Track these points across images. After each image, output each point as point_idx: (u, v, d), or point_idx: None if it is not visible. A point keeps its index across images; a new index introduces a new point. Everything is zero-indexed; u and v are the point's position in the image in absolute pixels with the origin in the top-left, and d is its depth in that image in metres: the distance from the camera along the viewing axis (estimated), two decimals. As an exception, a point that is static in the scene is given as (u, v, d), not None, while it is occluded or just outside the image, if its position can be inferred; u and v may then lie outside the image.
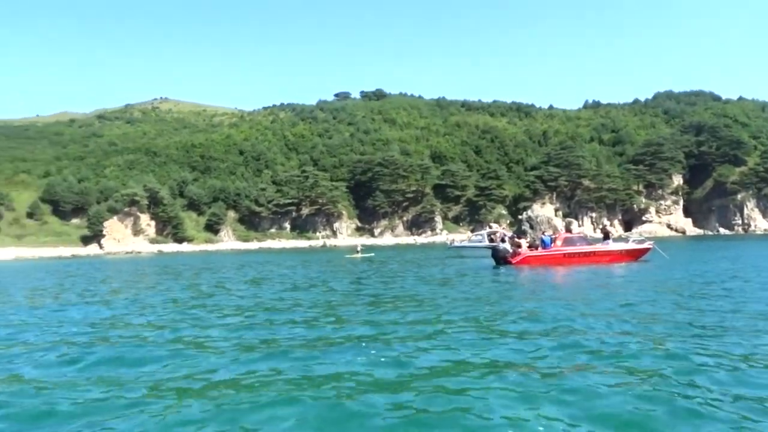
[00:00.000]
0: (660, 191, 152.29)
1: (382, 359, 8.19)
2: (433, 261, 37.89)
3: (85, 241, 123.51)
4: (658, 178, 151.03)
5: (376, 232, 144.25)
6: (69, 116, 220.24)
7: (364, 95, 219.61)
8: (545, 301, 14.36)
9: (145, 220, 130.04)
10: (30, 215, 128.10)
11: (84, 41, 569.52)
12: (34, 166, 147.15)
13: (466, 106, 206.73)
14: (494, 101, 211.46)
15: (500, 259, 28.89)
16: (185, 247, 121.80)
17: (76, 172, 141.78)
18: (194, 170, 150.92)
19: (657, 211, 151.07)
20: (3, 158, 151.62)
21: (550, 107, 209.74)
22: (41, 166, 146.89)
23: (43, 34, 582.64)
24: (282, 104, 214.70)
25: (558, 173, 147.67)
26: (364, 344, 9.31)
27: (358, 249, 55.23)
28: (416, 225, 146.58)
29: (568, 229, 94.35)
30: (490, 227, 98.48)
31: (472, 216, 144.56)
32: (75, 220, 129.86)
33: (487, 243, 41.05)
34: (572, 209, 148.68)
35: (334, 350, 8.94)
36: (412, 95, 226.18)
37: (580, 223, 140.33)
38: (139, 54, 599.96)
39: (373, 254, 54.26)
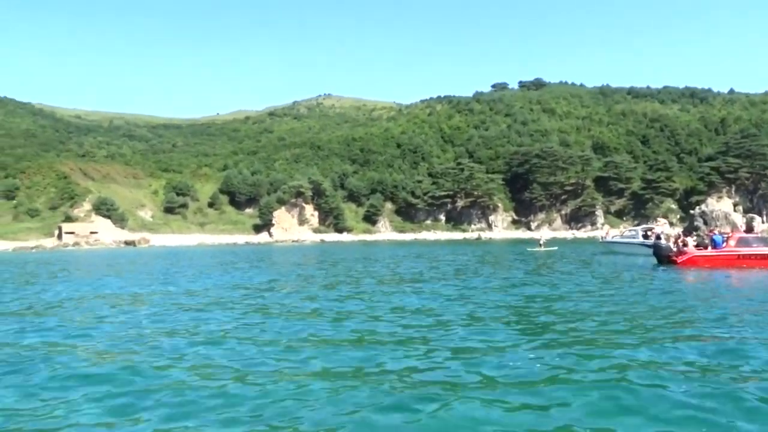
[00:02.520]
0: None
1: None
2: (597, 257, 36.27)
3: (257, 229, 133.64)
4: None
5: (533, 225, 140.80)
6: (244, 114, 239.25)
7: (523, 85, 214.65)
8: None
9: (310, 211, 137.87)
10: (211, 205, 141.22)
11: (257, 45, 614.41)
12: (215, 160, 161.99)
13: (633, 93, 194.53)
14: (664, 87, 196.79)
15: (663, 257, 27.04)
16: (345, 236, 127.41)
17: (249, 165, 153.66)
18: (354, 163, 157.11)
19: None
20: (189, 153, 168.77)
21: (731, 92, 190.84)
22: (220, 160, 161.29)
23: (223, 41, 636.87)
24: (439, 97, 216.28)
25: (738, 164, 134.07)
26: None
27: (541, 242, 54.06)
28: (575, 219, 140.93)
29: (750, 226, 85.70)
30: (657, 222, 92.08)
31: (638, 210, 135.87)
32: (248, 210, 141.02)
33: (641, 239, 38.49)
34: (755, 204, 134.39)
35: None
36: (573, 83, 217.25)
37: (765, 219, 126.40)
38: (306, 53, 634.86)
39: (556, 248, 53.05)
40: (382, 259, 40.39)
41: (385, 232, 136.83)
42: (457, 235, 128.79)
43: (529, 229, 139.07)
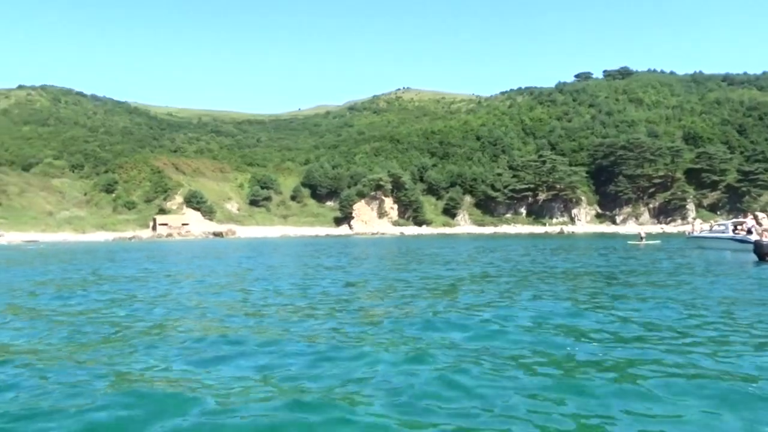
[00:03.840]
0: None
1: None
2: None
3: (338, 222, 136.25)
4: None
5: (618, 219, 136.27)
6: (325, 108, 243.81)
7: (608, 74, 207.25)
8: None
9: (389, 204, 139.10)
10: (293, 198, 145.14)
11: (338, 41, 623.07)
12: (297, 155, 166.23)
13: (728, 80, 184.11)
14: (763, 73, 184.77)
15: (765, 255, 25.83)
16: (424, 229, 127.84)
17: (330, 159, 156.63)
18: (433, 156, 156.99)
19: None
20: (273, 148, 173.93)
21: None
22: (302, 154, 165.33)
23: (305, 38, 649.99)
24: (519, 88, 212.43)
25: None
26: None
27: (642, 236, 52.63)
28: (664, 213, 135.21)
29: None
30: (755, 217, 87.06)
31: (733, 204, 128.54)
32: (329, 203, 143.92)
33: (730, 234, 36.47)
34: None
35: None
36: (662, 71, 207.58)
37: None
38: (386, 48, 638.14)
39: (659, 241, 51.46)
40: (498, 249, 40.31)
41: (464, 225, 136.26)
42: (538, 229, 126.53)
43: (614, 223, 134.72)
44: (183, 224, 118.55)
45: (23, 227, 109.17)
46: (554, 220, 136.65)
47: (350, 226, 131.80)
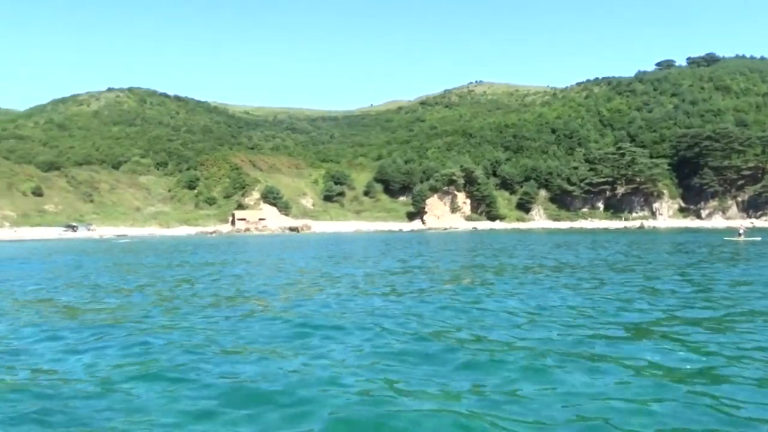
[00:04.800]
0: None
1: None
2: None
3: (410, 216, 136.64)
4: None
5: (704, 213, 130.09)
6: (397, 104, 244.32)
7: (692, 62, 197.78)
8: None
9: (462, 199, 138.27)
10: (366, 193, 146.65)
11: (408, 36, 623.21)
12: (369, 150, 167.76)
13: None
14: None
15: None
16: (498, 224, 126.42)
17: (402, 154, 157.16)
18: (507, 150, 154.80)
19: None
20: (346, 144, 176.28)
21: None
22: (375, 150, 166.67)
23: (375, 35, 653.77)
24: (596, 78, 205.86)
25: None
26: None
27: (741, 231, 50.31)
28: (754, 206, 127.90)
29: None
30: None
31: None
32: (402, 198, 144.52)
33: None
34: None
35: None
36: (752, 57, 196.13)
37: None
38: (457, 41, 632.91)
39: (759, 238, 48.96)
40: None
41: (538, 220, 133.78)
42: (617, 224, 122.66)
43: (699, 217, 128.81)
44: (260, 219, 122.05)
45: (114, 222, 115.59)
46: (634, 215, 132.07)
47: (423, 221, 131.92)
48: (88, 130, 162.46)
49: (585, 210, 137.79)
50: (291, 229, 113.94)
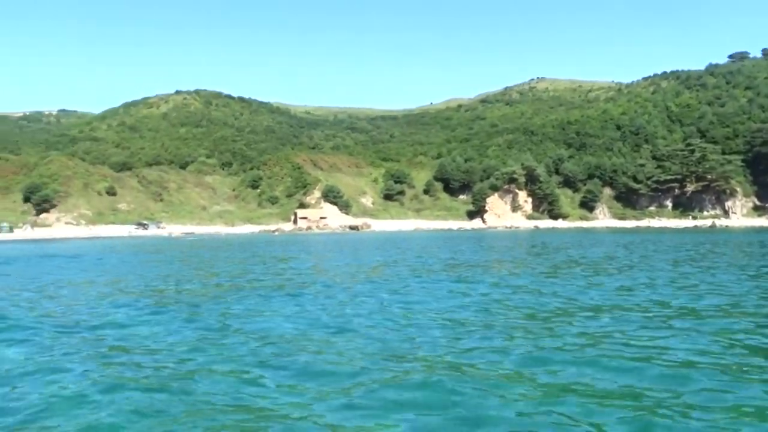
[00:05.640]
0: None
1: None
2: None
3: (470, 215, 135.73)
4: None
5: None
6: (457, 102, 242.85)
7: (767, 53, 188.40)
8: None
9: (523, 197, 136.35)
10: (426, 192, 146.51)
11: (467, 33, 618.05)
12: (429, 149, 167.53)
13: None
14: None
15: None
16: (560, 223, 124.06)
17: (462, 152, 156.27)
18: (570, 147, 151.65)
19: None
20: (406, 143, 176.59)
21: None
22: (434, 149, 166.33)
23: (435, 33, 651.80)
24: (664, 72, 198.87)
25: None
26: None
27: None
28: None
29: None
30: None
31: None
32: (462, 197, 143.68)
33: None
34: None
35: None
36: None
37: None
38: (518, 37, 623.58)
39: None
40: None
41: (603, 218, 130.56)
42: (686, 223, 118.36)
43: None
44: (321, 218, 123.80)
45: (181, 220, 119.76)
46: (704, 213, 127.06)
47: (483, 220, 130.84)
48: (157, 132, 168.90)
49: (652, 209, 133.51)
50: (351, 227, 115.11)
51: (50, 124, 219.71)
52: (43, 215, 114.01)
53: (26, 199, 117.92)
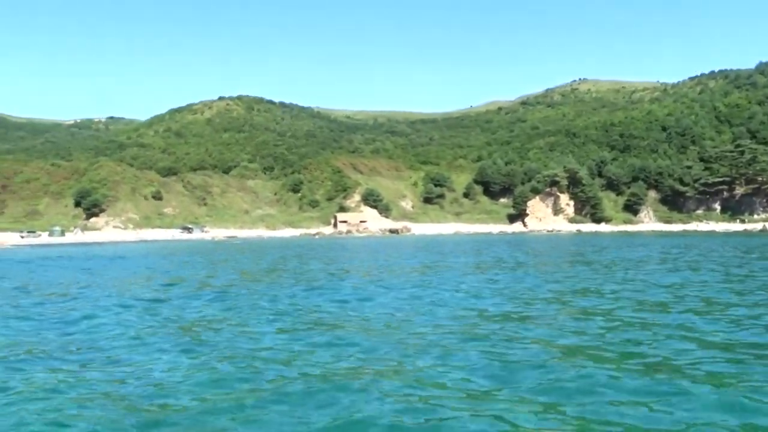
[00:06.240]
0: None
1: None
2: None
3: (511, 219, 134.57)
4: None
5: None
6: (497, 104, 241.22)
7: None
8: None
9: (565, 200, 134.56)
10: (466, 195, 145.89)
11: (508, 35, 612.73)
12: (469, 152, 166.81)
13: None
14: None
15: None
16: (603, 227, 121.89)
17: (503, 155, 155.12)
18: (613, 149, 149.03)
19: None
20: (445, 146, 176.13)
21: None
22: (474, 151, 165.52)
23: (475, 34, 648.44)
24: (712, 72, 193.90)
25: None
26: None
27: None
28: None
29: None
30: None
31: None
32: (502, 200, 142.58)
33: None
34: None
35: None
36: None
37: None
38: (559, 38, 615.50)
39: None
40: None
41: (648, 222, 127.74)
42: (735, 226, 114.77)
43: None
44: (361, 221, 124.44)
45: (224, 224, 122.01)
46: (754, 217, 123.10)
47: (524, 224, 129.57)
48: (201, 137, 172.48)
49: (699, 212, 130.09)
50: (391, 231, 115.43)
51: (99, 131, 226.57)
52: (93, 219, 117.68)
53: (77, 204, 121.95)
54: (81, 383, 7.62)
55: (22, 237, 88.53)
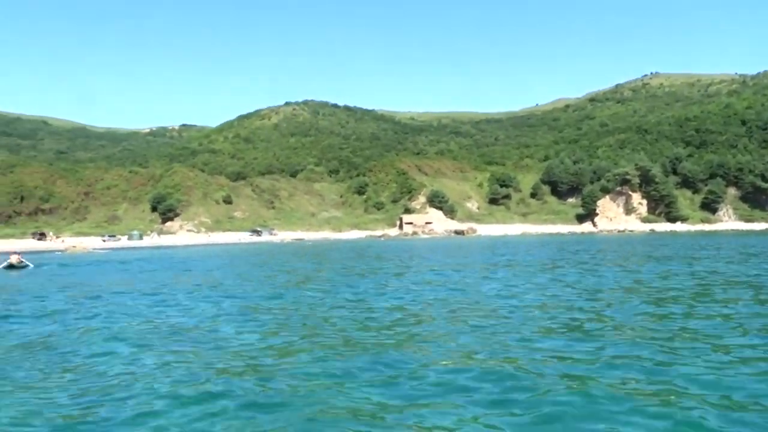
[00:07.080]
0: None
1: None
2: None
3: (580, 219, 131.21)
4: None
5: None
6: (564, 102, 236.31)
7: None
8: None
9: (637, 199, 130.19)
10: (533, 195, 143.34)
11: (574, 30, 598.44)
12: (536, 151, 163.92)
13: None
14: None
15: None
16: (679, 226, 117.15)
17: (571, 154, 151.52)
18: (688, 145, 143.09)
19: None
20: (511, 146, 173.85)
21: None
22: (541, 151, 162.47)
23: (538, 31, 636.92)
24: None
25: None
26: None
27: None
28: None
29: None
30: None
31: None
32: (570, 200, 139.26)
33: None
34: None
35: None
36: None
37: None
38: (628, 31, 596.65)
39: None
40: None
41: (727, 221, 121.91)
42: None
43: None
44: (426, 223, 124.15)
45: (291, 227, 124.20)
46: None
47: (594, 224, 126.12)
48: (269, 142, 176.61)
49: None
50: (456, 232, 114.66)
51: (173, 138, 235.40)
52: (168, 223, 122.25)
53: (153, 209, 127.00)
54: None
55: (104, 241, 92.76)
